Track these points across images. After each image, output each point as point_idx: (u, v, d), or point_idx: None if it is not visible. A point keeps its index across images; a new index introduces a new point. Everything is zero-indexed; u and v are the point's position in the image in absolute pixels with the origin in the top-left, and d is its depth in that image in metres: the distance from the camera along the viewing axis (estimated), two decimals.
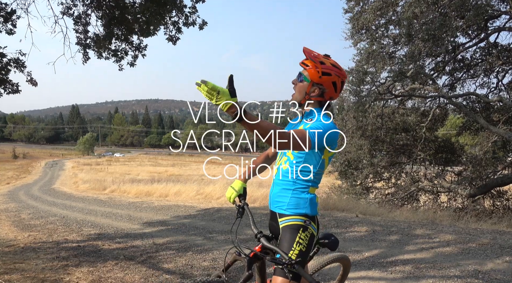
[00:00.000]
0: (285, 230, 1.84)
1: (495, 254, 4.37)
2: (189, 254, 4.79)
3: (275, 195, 1.92)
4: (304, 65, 1.84)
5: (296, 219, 1.83)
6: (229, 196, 2.01)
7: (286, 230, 1.83)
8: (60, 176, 30.45)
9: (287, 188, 1.87)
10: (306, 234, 1.82)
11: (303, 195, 1.85)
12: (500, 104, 10.44)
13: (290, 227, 1.83)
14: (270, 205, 1.97)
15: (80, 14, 6.36)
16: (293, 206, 1.85)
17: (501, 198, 10.46)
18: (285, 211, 1.86)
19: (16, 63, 5.72)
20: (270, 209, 1.97)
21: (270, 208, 1.97)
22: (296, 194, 1.85)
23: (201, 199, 10.97)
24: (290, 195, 1.85)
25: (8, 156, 63.25)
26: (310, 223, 1.85)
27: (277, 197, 1.90)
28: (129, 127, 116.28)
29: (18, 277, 3.88)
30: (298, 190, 1.85)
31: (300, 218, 1.83)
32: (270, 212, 1.97)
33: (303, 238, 1.80)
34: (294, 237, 1.80)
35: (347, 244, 4.97)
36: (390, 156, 11.69)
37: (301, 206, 1.84)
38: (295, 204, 1.84)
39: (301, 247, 1.79)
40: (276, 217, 1.91)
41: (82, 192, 16.35)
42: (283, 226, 1.85)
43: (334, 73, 1.82)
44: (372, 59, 9.65)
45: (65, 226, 7.59)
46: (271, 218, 1.96)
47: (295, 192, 1.85)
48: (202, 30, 6.78)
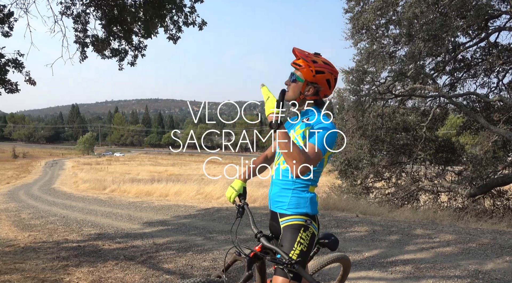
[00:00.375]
0: (286, 230, 1.84)
1: (496, 254, 4.37)
2: (189, 254, 4.79)
3: (275, 195, 1.92)
4: (296, 65, 1.85)
5: (297, 219, 1.84)
6: (229, 195, 2.01)
7: (287, 230, 1.83)
8: (60, 176, 30.45)
9: (286, 188, 1.86)
10: (307, 234, 1.82)
11: (303, 194, 1.85)
12: (500, 104, 10.44)
13: (291, 227, 1.83)
14: (270, 205, 1.96)
15: (79, 13, 6.35)
16: (293, 205, 1.85)
17: (501, 198, 10.46)
18: (286, 210, 1.86)
19: (14, 63, 5.69)
20: (270, 209, 1.97)
21: (271, 208, 1.97)
22: (296, 193, 1.85)
23: (201, 199, 10.97)
24: (291, 195, 1.85)
25: (8, 155, 63.24)
26: (311, 222, 1.85)
27: (277, 197, 1.90)
28: (129, 126, 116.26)
29: (18, 277, 3.87)
30: (298, 189, 1.85)
31: (301, 217, 1.84)
32: (271, 212, 1.97)
33: (304, 238, 1.81)
34: (295, 237, 1.80)
35: (347, 244, 4.97)
36: (390, 156, 11.69)
37: (301, 205, 1.84)
38: (295, 203, 1.84)
39: (302, 247, 1.79)
40: (276, 217, 1.91)
41: (82, 191, 16.36)
42: (284, 226, 1.85)
43: (327, 71, 1.83)
44: (372, 59, 9.64)
45: (65, 226, 7.59)
46: (272, 218, 1.96)
47: (295, 191, 1.85)
48: (201, 30, 6.77)
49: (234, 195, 1.99)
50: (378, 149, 11.67)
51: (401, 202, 10.77)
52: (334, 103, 12.46)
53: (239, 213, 1.94)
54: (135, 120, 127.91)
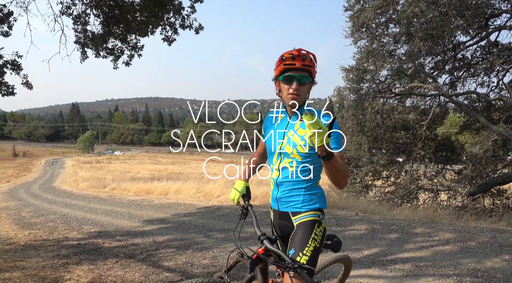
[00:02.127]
0: (300, 227, 1.86)
1: (495, 252, 4.38)
2: (189, 252, 4.80)
3: (284, 196, 1.92)
4: (307, 67, 1.81)
5: (311, 215, 1.87)
6: (233, 197, 2.01)
7: (301, 227, 1.85)
8: (60, 174, 30.46)
9: (298, 187, 1.88)
10: (321, 229, 1.87)
11: (315, 190, 1.90)
12: (500, 103, 10.44)
13: (306, 224, 1.86)
14: (279, 206, 1.95)
15: (79, 13, 6.34)
16: (307, 202, 1.88)
17: (501, 197, 10.47)
18: (300, 208, 1.88)
19: (12, 65, 5.64)
20: (279, 210, 1.96)
21: (280, 209, 1.95)
22: (309, 190, 1.88)
23: (201, 197, 10.98)
24: (303, 192, 1.88)
25: (8, 154, 63.22)
26: (323, 217, 1.90)
27: (288, 197, 1.91)
28: (129, 125, 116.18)
29: (18, 275, 3.88)
30: (310, 186, 1.89)
31: (315, 213, 1.88)
32: (279, 212, 1.96)
33: (318, 234, 1.84)
34: (310, 233, 1.82)
35: (347, 242, 4.98)
36: (390, 154, 11.70)
37: (314, 200, 1.89)
38: (309, 200, 1.88)
39: (315, 243, 1.82)
40: (288, 216, 1.92)
41: (82, 190, 16.37)
42: (298, 224, 1.88)
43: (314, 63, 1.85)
44: (372, 57, 9.64)
45: (66, 224, 7.60)
46: (281, 218, 1.96)
47: (307, 189, 1.88)
48: (198, 34, 6.79)
49: (237, 196, 2.00)
50: (377, 147, 11.68)
51: (401, 201, 10.79)
52: (334, 102, 12.47)
53: (243, 214, 1.93)
54: (135, 119, 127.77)
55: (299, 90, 1.82)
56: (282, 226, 1.97)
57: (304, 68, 1.80)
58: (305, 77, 1.82)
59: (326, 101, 1.99)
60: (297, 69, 1.80)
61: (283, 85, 1.85)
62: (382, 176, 11.85)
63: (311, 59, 1.81)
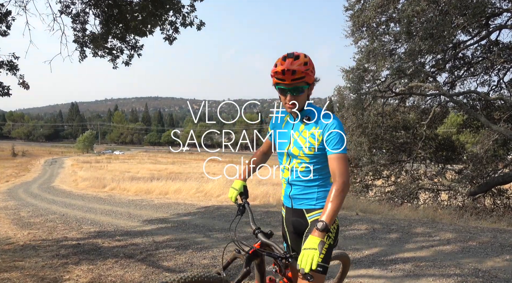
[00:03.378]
0: (314, 224, 1.85)
1: (495, 252, 4.37)
2: (189, 252, 4.79)
3: (297, 194, 1.96)
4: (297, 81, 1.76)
5: None
6: (230, 195, 2.09)
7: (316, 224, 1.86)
8: (59, 174, 30.42)
9: (311, 185, 1.93)
10: (334, 226, 1.91)
11: (328, 186, 1.93)
12: (501, 102, 10.43)
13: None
14: (293, 203, 2.00)
15: (78, 12, 6.32)
16: (322, 199, 1.92)
17: (501, 196, 10.47)
18: (315, 206, 1.93)
19: (9, 66, 5.61)
20: (292, 207, 2.01)
21: (293, 206, 2.00)
22: (322, 187, 1.93)
23: (201, 197, 10.97)
24: (317, 190, 1.93)
25: (7, 154, 63.15)
26: None
27: (302, 195, 1.95)
28: (129, 125, 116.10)
29: (17, 275, 3.87)
30: (323, 183, 1.93)
31: None
32: (293, 210, 2.01)
33: (332, 231, 1.89)
34: None
35: (347, 242, 4.97)
36: (390, 154, 11.69)
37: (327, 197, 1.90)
38: (323, 196, 1.92)
39: (330, 241, 1.86)
40: (302, 213, 1.97)
41: (81, 189, 16.34)
42: (312, 221, 1.92)
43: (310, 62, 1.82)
44: (372, 57, 9.62)
45: (65, 224, 7.58)
46: (295, 215, 2.00)
47: (320, 186, 1.93)
48: (199, 30, 6.77)
49: (235, 194, 2.08)
50: (378, 147, 11.67)
51: (401, 200, 10.78)
52: (334, 102, 12.46)
53: (240, 211, 2.00)
54: (134, 118, 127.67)
55: (294, 100, 1.82)
56: (295, 223, 2.02)
57: (302, 74, 1.75)
58: (299, 88, 1.79)
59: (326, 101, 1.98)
60: (287, 84, 1.78)
61: (280, 95, 1.87)
62: (382, 176, 11.84)
63: (305, 63, 1.76)
